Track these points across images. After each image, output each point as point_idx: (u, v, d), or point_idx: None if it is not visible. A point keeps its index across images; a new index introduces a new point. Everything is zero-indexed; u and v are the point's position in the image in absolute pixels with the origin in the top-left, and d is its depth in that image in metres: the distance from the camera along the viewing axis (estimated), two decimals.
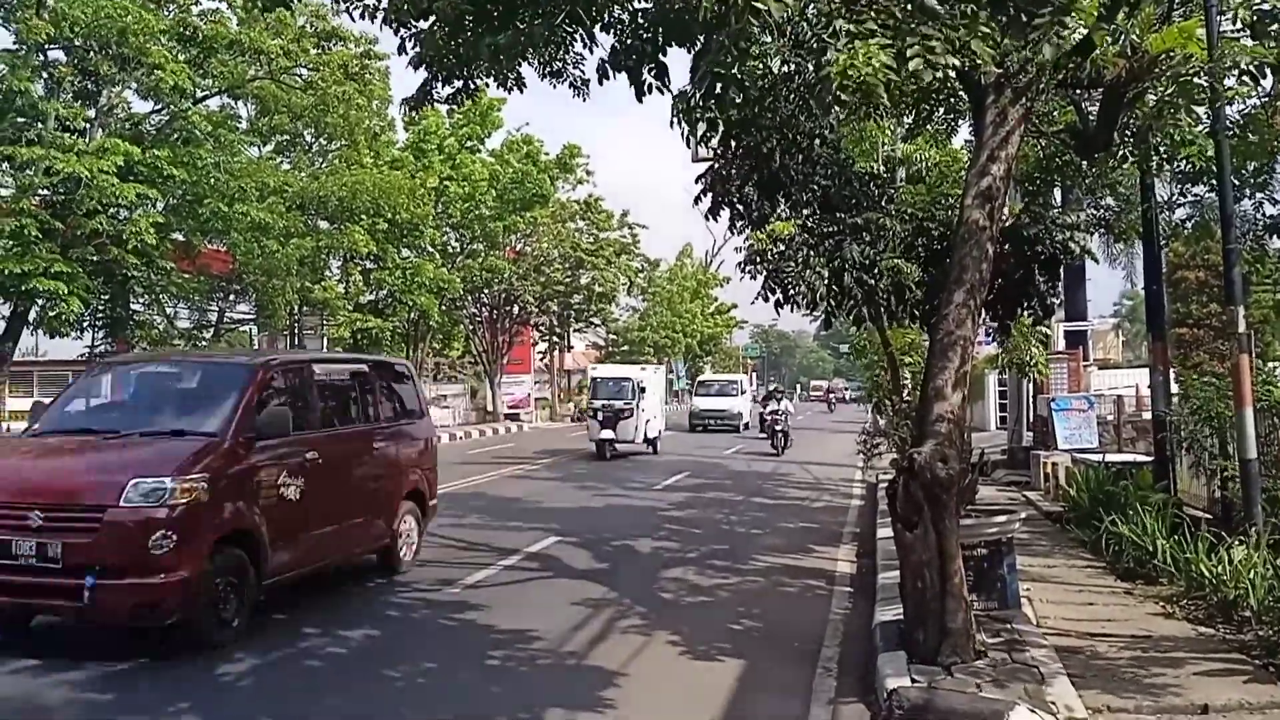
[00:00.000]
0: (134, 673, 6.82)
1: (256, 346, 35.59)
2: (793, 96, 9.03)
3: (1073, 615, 7.77)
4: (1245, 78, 7.50)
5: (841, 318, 10.71)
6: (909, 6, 5.44)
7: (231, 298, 27.06)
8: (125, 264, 20.03)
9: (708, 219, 10.41)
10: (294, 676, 6.82)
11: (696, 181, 10.59)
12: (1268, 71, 7.63)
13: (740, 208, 10.53)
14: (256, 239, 22.91)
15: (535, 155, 38.44)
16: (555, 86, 8.02)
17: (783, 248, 10.41)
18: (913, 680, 5.88)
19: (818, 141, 10.38)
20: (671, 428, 33.24)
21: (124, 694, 6.35)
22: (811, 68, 5.75)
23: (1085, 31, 6.64)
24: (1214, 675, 6.07)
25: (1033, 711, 5.35)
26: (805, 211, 10.53)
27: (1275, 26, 7.29)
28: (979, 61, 5.46)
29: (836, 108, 4.96)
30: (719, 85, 5.62)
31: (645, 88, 7.14)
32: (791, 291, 9.69)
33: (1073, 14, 5.41)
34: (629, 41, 7.09)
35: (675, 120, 6.04)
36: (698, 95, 5.67)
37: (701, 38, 6.31)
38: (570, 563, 10.86)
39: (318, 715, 5.89)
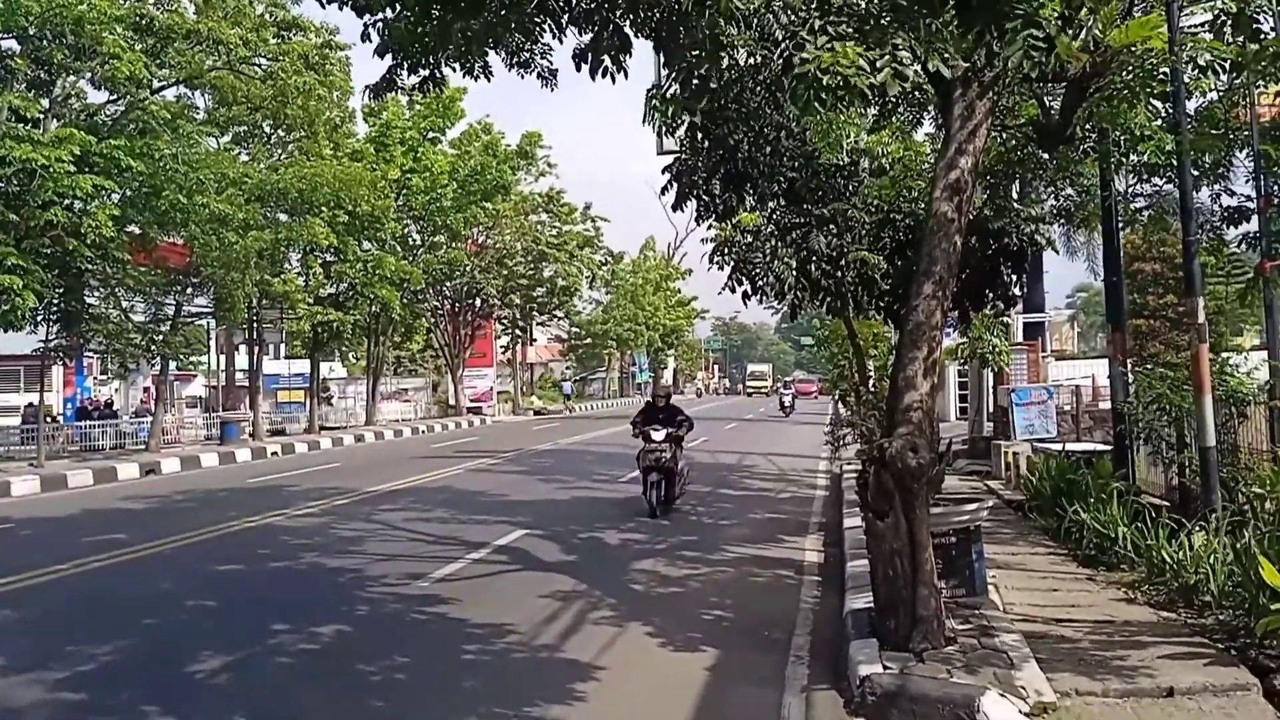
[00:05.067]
0: (103, 672, 6.75)
1: (214, 340, 35.23)
2: (759, 89, 9.07)
3: (1038, 601, 7.88)
4: (1208, 72, 7.63)
5: (809, 309, 10.77)
6: (880, 4, 5.49)
7: (189, 291, 26.60)
8: (81, 256, 19.64)
9: (675, 210, 10.43)
10: (266, 674, 6.76)
11: (663, 173, 10.60)
12: (1227, 65, 7.79)
13: (707, 200, 10.55)
14: (215, 231, 22.54)
15: (495, 145, 38.25)
16: (523, 77, 7.98)
17: (750, 239, 10.45)
18: (885, 667, 5.94)
19: (784, 134, 10.42)
20: None
21: (94, 694, 6.28)
22: (781, 64, 5.71)
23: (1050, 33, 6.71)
24: (1177, 659, 6.19)
25: (1003, 696, 5.43)
26: (772, 203, 10.58)
27: (1230, 27, 7.44)
28: (941, 66, 5.54)
29: (817, 105, 4.93)
30: (694, 81, 5.64)
31: (601, 69, 7.09)
32: (759, 282, 9.73)
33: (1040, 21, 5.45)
34: (595, 22, 7.04)
35: (649, 114, 6.03)
36: (675, 89, 5.67)
37: (680, 30, 6.30)
38: (539, 555, 10.86)
39: (291, 712, 5.84)
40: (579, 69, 7.29)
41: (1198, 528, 8.16)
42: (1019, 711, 5.34)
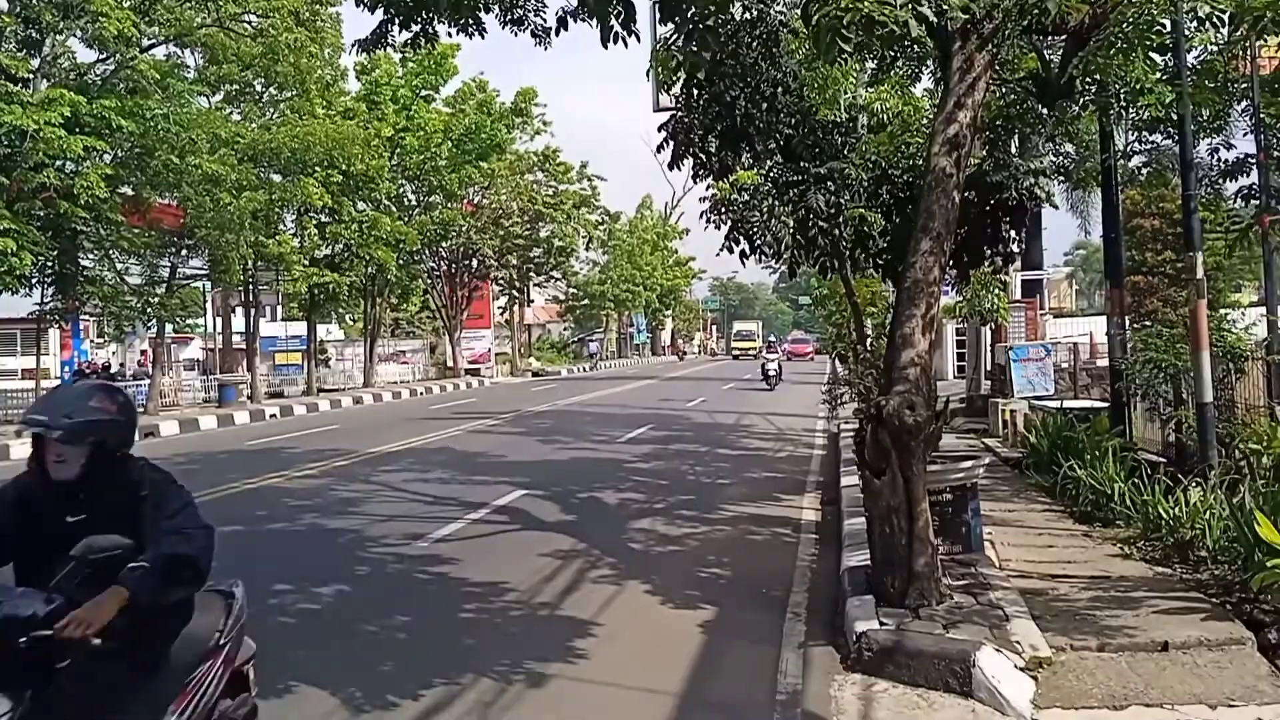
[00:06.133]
0: None
1: (210, 302, 35.13)
2: (755, 44, 8.95)
3: (1033, 558, 7.92)
4: (1207, 25, 7.54)
5: (806, 267, 10.73)
6: None
7: (184, 253, 26.47)
8: (74, 218, 19.53)
9: (671, 169, 10.35)
10: (266, 634, 6.74)
11: (659, 130, 10.51)
12: (1227, 19, 7.69)
13: (703, 157, 10.47)
14: (208, 192, 22.43)
15: (490, 103, 37.94)
16: (516, 34, 7.89)
17: (747, 197, 10.38)
18: (881, 623, 5.98)
19: (780, 90, 10.32)
20: None
21: None
22: (800, 15, 5.55)
23: None
24: (1172, 614, 6.22)
25: (998, 651, 5.47)
26: (769, 161, 10.49)
27: None
28: (947, 9, 5.48)
29: (842, 46, 4.85)
30: (697, 37, 5.54)
31: (611, 34, 7.03)
32: (757, 241, 9.67)
33: None
34: None
35: (653, 70, 5.90)
36: (679, 43, 5.56)
37: None
38: (538, 515, 10.89)
39: (291, 671, 5.86)
40: (558, 32, 7.21)
41: (1194, 483, 8.18)
42: (1014, 666, 5.38)
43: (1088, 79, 9.51)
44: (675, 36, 5.73)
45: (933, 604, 6.27)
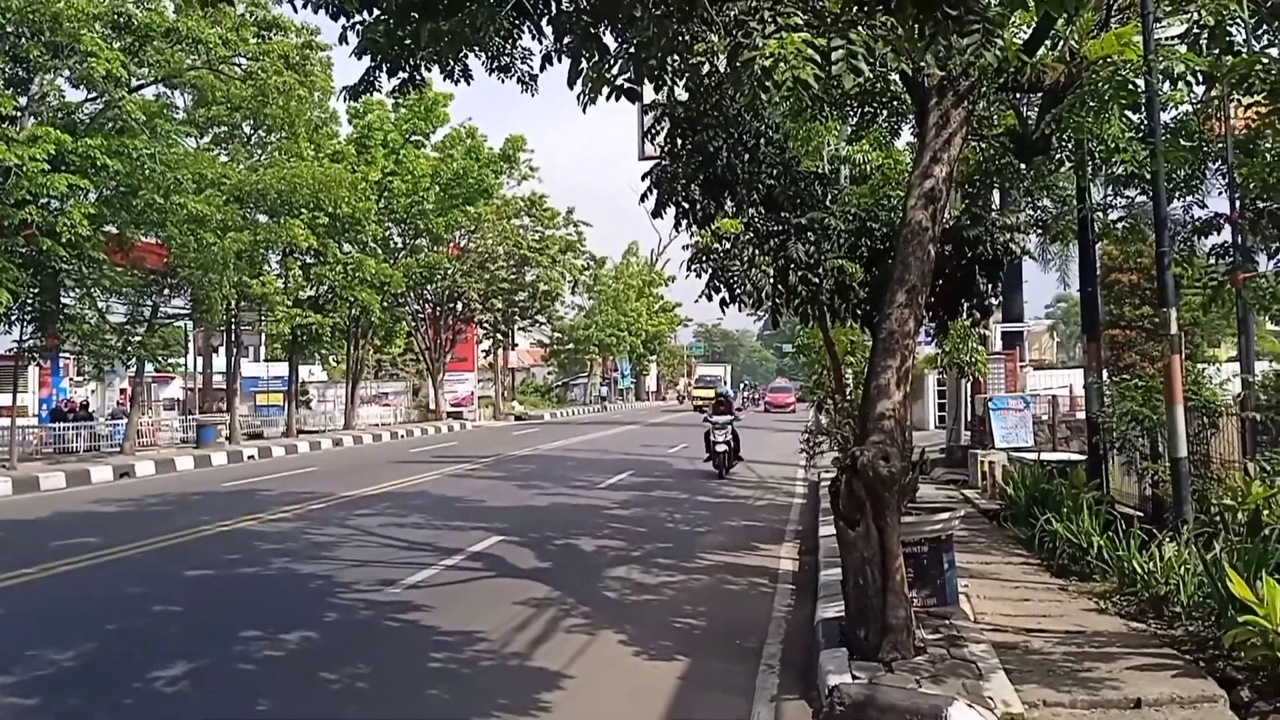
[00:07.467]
0: (60, 677, 6.64)
1: (192, 342, 34.96)
2: (738, 96, 9.06)
3: (1009, 611, 7.87)
4: (1180, 83, 7.68)
5: (787, 316, 10.77)
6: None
7: (166, 292, 26.37)
8: (56, 256, 19.45)
9: (655, 217, 10.43)
10: (227, 680, 6.66)
11: (643, 179, 10.59)
12: (1200, 77, 7.84)
13: (686, 206, 10.55)
14: (193, 232, 22.40)
15: (478, 149, 38.24)
16: (503, 81, 7.95)
17: (728, 245, 10.45)
18: (854, 677, 5.91)
19: (763, 141, 10.43)
20: None
21: (51, 699, 6.18)
22: (726, 58, 5.48)
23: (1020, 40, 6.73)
24: (1146, 670, 6.18)
25: (971, 707, 5.40)
26: (751, 210, 10.58)
27: (1205, 39, 7.50)
28: (914, 68, 5.53)
29: (761, 96, 4.85)
30: (640, 68, 5.47)
31: (578, 74, 7.04)
32: (737, 290, 9.72)
33: (1001, 33, 5.39)
34: (571, 24, 7.00)
35: (583, 91, 5.74)
36: (613, 70, 5.50)
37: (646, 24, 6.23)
38: (514, 562, 10.78)
39: None
40: (543, 68, 7.25)
41: (1169, 538, 8.16)
42: None
43: (1063, 136, 9.65)
44: (604, 62, 5.67)
45: (906, 657, 6.20)
